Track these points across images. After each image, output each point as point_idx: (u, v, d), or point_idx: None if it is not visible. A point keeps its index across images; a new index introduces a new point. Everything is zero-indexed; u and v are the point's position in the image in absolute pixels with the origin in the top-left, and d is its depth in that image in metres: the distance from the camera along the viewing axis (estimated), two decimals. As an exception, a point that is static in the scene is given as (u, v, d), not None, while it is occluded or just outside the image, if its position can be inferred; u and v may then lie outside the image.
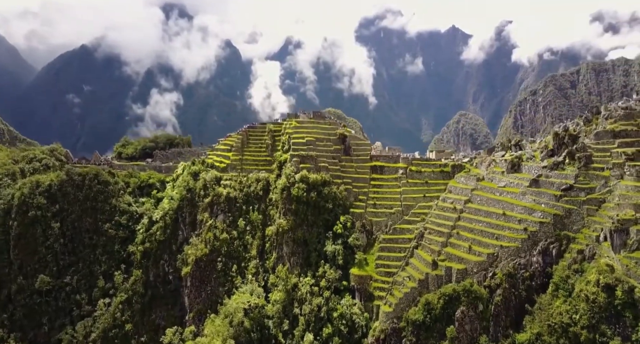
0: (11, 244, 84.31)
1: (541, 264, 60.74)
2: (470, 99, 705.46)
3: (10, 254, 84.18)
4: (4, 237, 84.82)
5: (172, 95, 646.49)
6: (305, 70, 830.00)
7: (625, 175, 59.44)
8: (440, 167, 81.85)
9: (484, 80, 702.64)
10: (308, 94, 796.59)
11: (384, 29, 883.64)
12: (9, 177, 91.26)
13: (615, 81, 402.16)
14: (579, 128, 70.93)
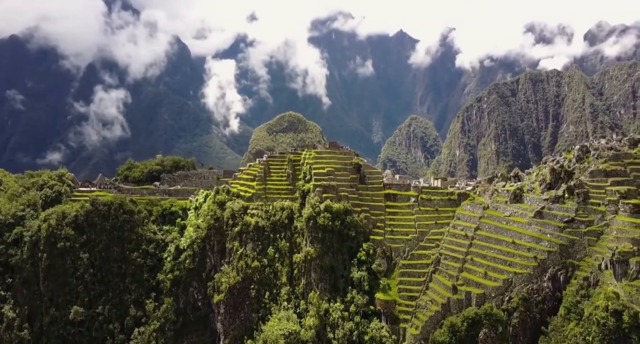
0: (41, 276, 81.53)
1: (551, 289, 68.64)
2: (418, 102, 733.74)
3: (40, 286, 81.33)
4: (33, 270, 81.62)
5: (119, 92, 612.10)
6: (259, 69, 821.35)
7: (619, 211, 68.52)
8: (448, 195, 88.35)
9: (430, 84, 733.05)
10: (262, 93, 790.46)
11: (335, 31, 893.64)
12: (31, 208, 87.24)
13: (549, 91, 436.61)
14: (572, 165, 79.74)
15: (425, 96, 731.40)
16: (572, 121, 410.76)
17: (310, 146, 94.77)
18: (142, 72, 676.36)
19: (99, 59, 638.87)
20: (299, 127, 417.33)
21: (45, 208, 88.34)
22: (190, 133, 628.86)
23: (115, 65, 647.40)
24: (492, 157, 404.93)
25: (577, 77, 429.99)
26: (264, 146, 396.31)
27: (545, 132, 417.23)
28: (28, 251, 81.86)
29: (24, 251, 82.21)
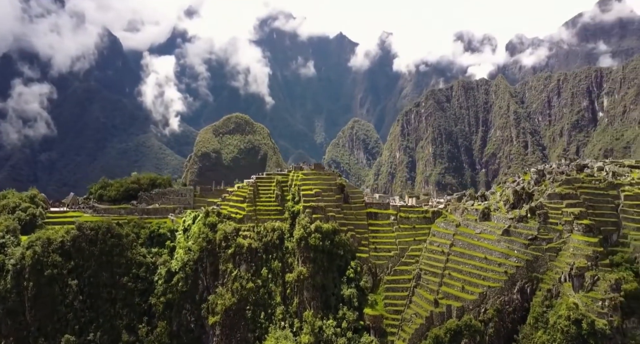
0: (27, 305, 76.23)
1: (520, 300, 77.52)
2: (358, 104, 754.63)
3: (27, 315, 76.02)
4: (18, 299, 75.93)
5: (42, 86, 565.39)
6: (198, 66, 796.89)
7: (574, 230, 78.86)
8: (423, 213, 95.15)
9: (369, 87, 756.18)
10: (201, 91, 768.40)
11: (277, 30, 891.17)
12: (10, 234, 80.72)
13: (479, 98, 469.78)
14: (532, 187, 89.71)
15: (365, 98, 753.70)
16: (499, 126, 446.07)
17: (298, 168, 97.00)
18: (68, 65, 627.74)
19: (16, 49, 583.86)
20: (246, 128, 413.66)
21: (23, 233, 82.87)
22: (125, 132, 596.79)
23: (36, 57, 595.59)
24: (430, 160, 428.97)
25: (502, 86, 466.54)
26: (210, 148, 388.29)
27: (476, 136, 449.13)
28: (12, 280, 76.77)
29: (7, 281, 76.89)
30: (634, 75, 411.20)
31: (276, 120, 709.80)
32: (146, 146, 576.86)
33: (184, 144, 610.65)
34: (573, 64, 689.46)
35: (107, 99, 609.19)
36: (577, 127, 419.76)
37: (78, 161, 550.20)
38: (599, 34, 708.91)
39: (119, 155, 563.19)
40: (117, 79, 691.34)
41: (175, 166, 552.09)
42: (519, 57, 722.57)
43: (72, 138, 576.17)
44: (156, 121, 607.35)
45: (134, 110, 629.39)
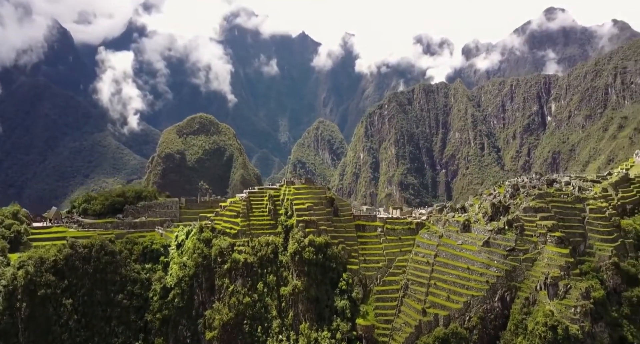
0: (20, 327, 73.14)
1: (500, 308, 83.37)
2: (321, 104, 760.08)
3: (20, 337, 73.02)
4: (11, 321, 72.58)
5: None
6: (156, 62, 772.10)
7: (548, 242, 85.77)
8: (408, 225, 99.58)
9: (332, 87, 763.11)
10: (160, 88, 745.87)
11: (238, 28, 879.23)
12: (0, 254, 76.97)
13: (439, 101, 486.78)
14: (508, 200, 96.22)
15: (328, 98, 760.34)
16: (458, 128, 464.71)
17: (290, 183, 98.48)
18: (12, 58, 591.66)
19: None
20: (211, 129, 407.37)
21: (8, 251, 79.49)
22: (78, 131, 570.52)
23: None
24: (393, 160, 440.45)
25: (460, 90, 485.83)
26: (174, 149, 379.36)
27: (436, 138, 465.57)
28: (5, 302, 73.89)
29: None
30: (577, 83, 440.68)
31: (239, 118, 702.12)
32: (102, 146, 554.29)
33: (143, 143, 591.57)
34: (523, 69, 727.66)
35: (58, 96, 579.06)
36: (529, 131, 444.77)
37: (26, 160, 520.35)
38: (546, 41, 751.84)
39: (72, 155, 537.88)
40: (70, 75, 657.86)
41: (135, 167, 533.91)
42: (474, 61, 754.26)
43: (19, 136, 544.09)
44: (113, 120, 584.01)
45: (88, 107, 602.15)
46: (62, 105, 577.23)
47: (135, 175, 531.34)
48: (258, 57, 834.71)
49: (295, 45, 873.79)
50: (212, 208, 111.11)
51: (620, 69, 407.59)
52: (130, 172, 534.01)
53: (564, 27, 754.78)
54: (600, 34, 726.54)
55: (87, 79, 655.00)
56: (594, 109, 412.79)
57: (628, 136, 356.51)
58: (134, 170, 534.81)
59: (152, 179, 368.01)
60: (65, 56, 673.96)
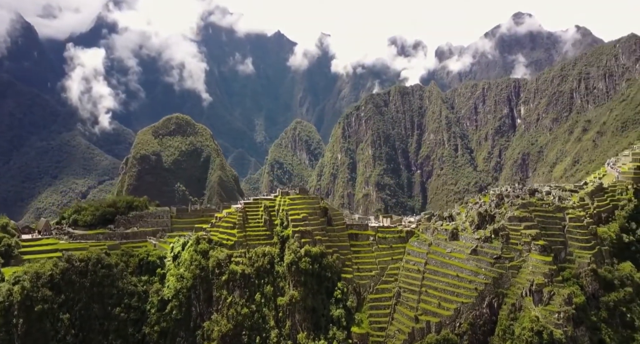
0: (17, 343, 71.57)
1: (489, 314, 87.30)
2: (297, 104, 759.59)
3: None
4: (8, 338, 70.75)
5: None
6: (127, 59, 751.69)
7: (532, 250, 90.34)
8: (398, 233, 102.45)
9: (308, 87, 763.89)
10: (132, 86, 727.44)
11: (213, 26, 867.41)
12: None
13: (414, 103, 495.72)
14: (493, 210, 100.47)
15: (304, 98, 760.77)
16: (432, 130, 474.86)
17: (285, 193, 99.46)
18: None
19: None
20: (187, 130, 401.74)
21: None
22: (46, 130, 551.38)
23: None
24: (370, 161, 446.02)
25: (435, 92, 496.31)
26: (149, 151, 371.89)
27: (412, 139, 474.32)
28: (0, 318, 72.03)
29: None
30: (545, 87, 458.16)
31: (214, 118, 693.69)
32: (71, 145, 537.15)
33: (115, 143, 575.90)
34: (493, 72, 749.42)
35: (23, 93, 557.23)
36: (500, 132, 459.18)
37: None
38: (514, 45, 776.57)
39: (39, 155, 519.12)
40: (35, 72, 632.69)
41: (107, 167, 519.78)
42: (447, 63, 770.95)
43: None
44: (84, 119, 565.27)
45: (56, 106, 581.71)
46: (28, 103, 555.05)
47: (107, 176, 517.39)
48: (233, 55, 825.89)
49: (270, 44, 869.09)
50: (203, 217, 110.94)
51: (584, 75, 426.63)
52: (102, 173, 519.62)
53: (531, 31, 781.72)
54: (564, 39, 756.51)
55: (55, 76, 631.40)
56: (560, 113, 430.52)
57: (591, 139, 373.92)
58: (105, 171, 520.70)
59: (127, 181, 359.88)
60: (30, 52, 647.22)
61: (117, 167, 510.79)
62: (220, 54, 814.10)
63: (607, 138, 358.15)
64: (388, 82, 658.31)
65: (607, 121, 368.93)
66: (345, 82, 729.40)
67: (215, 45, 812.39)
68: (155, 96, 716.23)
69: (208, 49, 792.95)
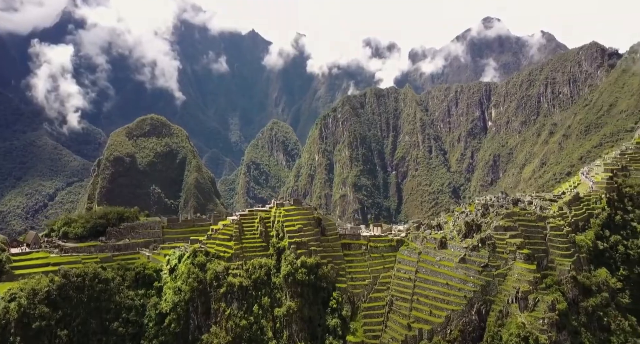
0: None
1: (477, 321, 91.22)
2: (273, 103, 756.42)
3: None
4: None
5: None
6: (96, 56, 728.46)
7: (517, 258, 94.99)
8: (389, 242, 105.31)
9: (283, 86, 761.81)
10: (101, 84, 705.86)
11: (185, 23, 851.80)
12: None
13: (389, 105, 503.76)
14: (479, 219, 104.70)
15: (280, 98, 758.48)
16: (407, 131, 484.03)
17: (280, 204, 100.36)
18: None
19: None
20: (162, 131, 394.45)
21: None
22: (8, 130, 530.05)
23: None
24: (347, 162, 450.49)
25: (409, 95, 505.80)
26: (123, 152, 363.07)
27: (387, 140, 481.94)
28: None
29: (-11, 337, 70.01)
30: (514, 91, 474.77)
31: (187, 117, 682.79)
32: (37, 146, 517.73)
33: (84, 143, 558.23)
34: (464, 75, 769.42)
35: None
36: (472, 135, 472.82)
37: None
38: (484, 49, 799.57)
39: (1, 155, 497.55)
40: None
41: (76, 168, 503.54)
42: (420, 65, 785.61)
43: None
44: (50, 118, 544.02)
45: (20, 105, 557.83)
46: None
47: (76, 177, 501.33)
48: (206, 54, 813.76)
49: (245, 43, 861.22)
50: (194, 227, 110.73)
51: (550, 80, 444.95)
52: (71, 174, 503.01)
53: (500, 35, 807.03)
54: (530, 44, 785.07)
55: (19, 74, 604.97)
56: (529, 116, 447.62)
57: (557, 142, 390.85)
58: (74, 172, 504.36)
59: (99, 184, 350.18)
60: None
61: (87, 168, 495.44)
62: (194, 52, 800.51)
63: (572, 141, 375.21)
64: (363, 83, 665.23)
65: (572, 125, 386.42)
66: (321, 82, 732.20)
67: (188, 44, 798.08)
68: (126, 94, 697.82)
69: (181, 47, 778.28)
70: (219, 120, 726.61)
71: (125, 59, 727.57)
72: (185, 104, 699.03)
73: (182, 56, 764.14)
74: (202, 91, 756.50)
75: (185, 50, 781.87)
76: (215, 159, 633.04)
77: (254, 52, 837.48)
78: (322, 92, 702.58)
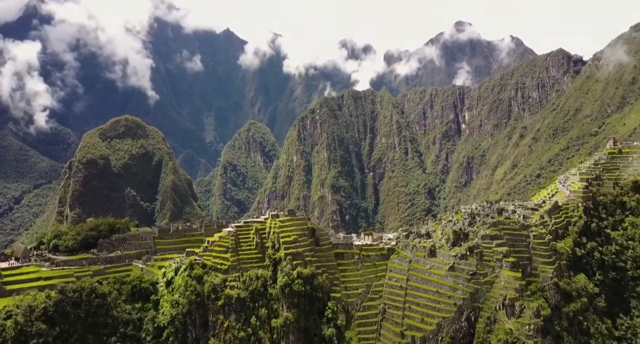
0: None
1: (467, 327, 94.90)
2: (249, 103, 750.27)
3: None
4: None
5: None
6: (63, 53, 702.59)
7: (503, 266, 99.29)
8: (380, 251, 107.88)
9: (259, 86, 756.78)
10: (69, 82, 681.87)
11: (158, 21, 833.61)
12: None
13: (366, 107, 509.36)
14: (467, 228, 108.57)
15: (256, 98, 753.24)
16: (384, 133, 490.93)
17: (275, 215, 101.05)
18: None
19: None
20: (138, 132, 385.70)
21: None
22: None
23: None
24: (325, 164, 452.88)
25: (386, 98, 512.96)
26: (97, 155, 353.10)
27: (365, 142, 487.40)
28: None
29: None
30: (486, 95, 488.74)
31: (161, 117, 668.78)
32: (1, 146, 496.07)
33: (52, 143, 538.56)
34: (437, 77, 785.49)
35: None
36: (446, 137, 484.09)
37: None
38: (457, 52, 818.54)
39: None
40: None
41: (44, 170, 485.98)
42: (395, 67, 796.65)
43: None
44: (16, 118, 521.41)
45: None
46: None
47: (44, 179, 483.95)
48: (180, 52, 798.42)
49: (219, 42, 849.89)
50: (185, 238, 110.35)
51: (520, 85, 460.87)
52: (38, 176, 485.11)
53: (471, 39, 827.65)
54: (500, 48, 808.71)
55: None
56: (500, 119, 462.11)
57: (528, 145, 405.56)
58: (42, 174, 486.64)
59: (71, 187, 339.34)
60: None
61: (55, 170, 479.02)
62: (167, 51, 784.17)
63: (541, 144, 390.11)
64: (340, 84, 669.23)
65: (541, 128, 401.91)
66: (298, 83, 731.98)
67: (161, 42, 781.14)
68: (96, 93, 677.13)
69: (154, 45, 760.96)
70: (194, 120, 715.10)
71: (95, 57, 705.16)
72: (159, 103, 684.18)
73: (155, 54, 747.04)
74: (176, 90, 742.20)
75: (158, 48, 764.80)
76: (190, 159, 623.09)
77: (229, 51, 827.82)
78: (299, 93, 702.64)
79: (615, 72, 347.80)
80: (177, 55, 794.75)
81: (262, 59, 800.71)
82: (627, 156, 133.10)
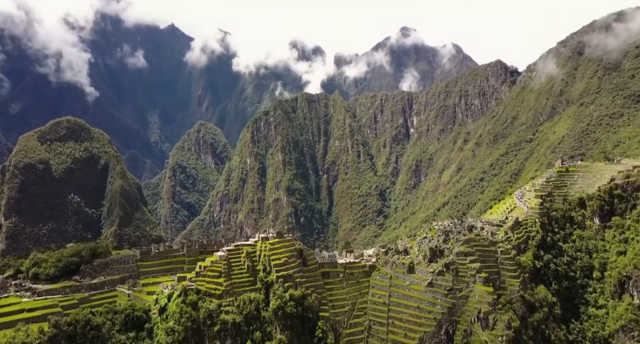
0: None
1: (446, 340, 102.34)
2: (196, 101, 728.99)
3: None
4: None
5: None
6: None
7: (477, 281, 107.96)
8: (362, 268, 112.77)
9: (208, 84, 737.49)
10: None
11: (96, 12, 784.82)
12: None
13: (320, 110, 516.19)
14: (442, 245, 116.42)
15: (204, 96, 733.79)
16: (337, 137, 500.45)
17: (265, 238, 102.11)
18: None
19: None
20: (81, 135, 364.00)
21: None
22: None
23: None
24: (280, 167, 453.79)
25: (339, 101, 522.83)
26: (35, 159, 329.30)
27: (319, 145, 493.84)
28: None
29: None
30: (433, 101, 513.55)
31: (100, 114, 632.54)
32: None
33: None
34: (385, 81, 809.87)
35: None
36: (396, 141, 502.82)
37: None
38: (402, 56, 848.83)
39: None
40: None
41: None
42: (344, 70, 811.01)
43: None
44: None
45: None
46: None
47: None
48: (121, 47, 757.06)
49: (164, 38, 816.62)
50: (168, 259, 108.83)
51: (464, 92, 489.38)
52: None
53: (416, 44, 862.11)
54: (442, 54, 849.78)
55: None
56: (446, 125, 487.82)
57: (471, 149, 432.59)
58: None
59: (6, 194, 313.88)
60: None
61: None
62: (106, 45, 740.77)
63: (483, 149, 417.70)
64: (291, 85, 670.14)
65: (483, 134, 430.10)
66: (248, 82, 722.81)
67: (99, 35, 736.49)
68: (25, 87, 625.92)
69: (91, 38, 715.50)
70: (137, 118, 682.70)
71: (22, 49, 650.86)
72: (98, 100, 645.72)
73: (92, 48, 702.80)
74: (117, 86, 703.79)
75: (97, 42, 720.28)
76: (134, 160, 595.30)
77: (174, 48, 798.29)
78: (250, 92, 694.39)
79: (546, 83, 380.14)
80: (117, 50, 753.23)
81: (210, 57, 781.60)
82: (573, 174, 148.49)
